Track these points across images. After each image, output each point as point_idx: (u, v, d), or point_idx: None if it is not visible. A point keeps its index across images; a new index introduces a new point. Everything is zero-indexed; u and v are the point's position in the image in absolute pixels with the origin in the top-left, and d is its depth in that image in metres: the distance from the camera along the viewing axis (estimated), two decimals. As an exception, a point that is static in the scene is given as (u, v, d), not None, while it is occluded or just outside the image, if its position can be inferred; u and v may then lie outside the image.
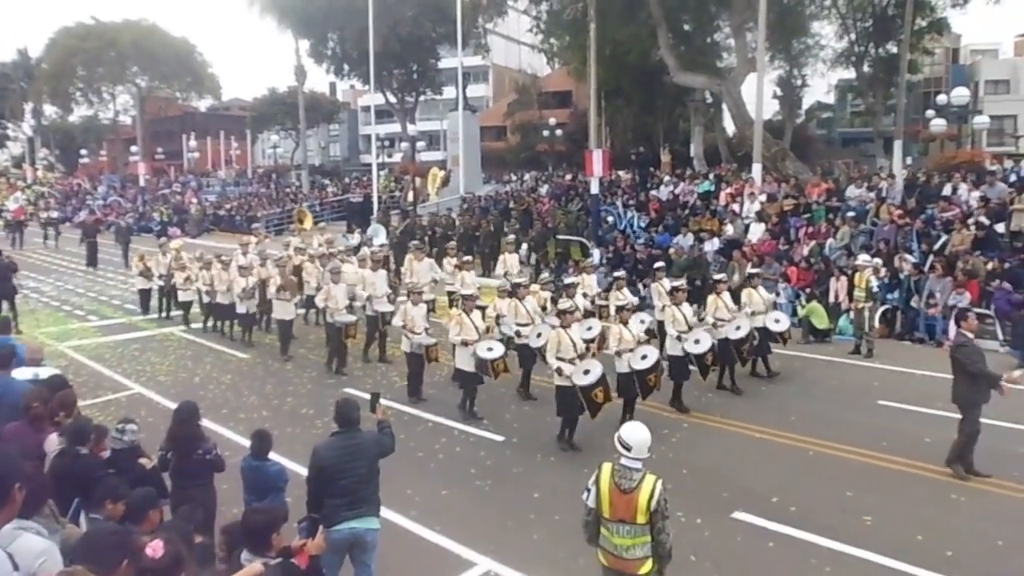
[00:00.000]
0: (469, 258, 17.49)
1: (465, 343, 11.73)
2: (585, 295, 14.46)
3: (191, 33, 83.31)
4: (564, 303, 11.66)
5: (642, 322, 12.12)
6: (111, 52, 58.86)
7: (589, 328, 12.64)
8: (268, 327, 17.37)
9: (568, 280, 14.34)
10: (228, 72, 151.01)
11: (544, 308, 13.51)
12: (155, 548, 3.93)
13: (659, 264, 16.07)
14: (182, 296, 18.60)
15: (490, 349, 11.69)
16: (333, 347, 14.46)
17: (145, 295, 20.06)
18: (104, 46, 58.65)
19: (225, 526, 5.53)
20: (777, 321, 13.73)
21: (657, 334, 13.45)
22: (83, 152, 67.22)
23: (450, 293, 16.73)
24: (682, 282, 13.54)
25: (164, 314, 19.53)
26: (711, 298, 13.27)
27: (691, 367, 12.16)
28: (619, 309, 11.60)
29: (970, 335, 9.39)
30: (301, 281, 17.03)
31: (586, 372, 10.19)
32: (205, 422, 7.80)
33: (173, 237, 35.79)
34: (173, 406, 7.32)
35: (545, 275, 16.79)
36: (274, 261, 17.10)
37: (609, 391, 10.38)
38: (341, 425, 6.22)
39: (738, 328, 12.87)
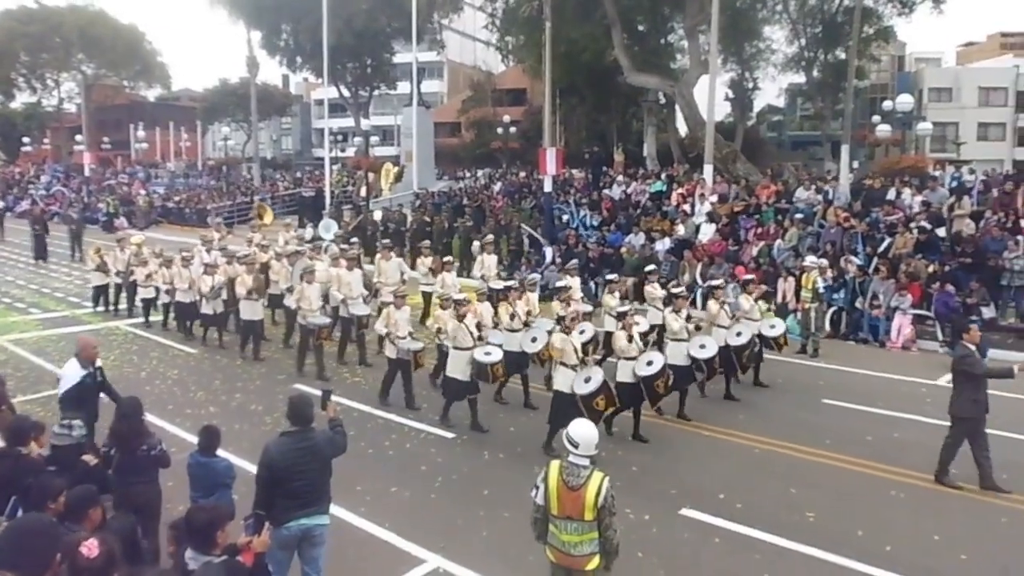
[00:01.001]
0: (450, 258, 16.97)
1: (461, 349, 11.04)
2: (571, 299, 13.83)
3: (140, 20, 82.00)
4: (566, 308, 11.10)
5: (636, 324, 11.70)
6: (55, 38, 57.41)
7: (582, 331, 12.06)
8: (238, 327, 16.09)
9: (560, 283, 13.84)
10: (178, 62, 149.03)
11: (529, 312, 12.93)
12: (90, 547, 3.86)
13: (651, 267, 15.60)
14: (142, 293, 17.76)
15: (488, 353, 11.10)
16: (302, 349, 13.85)
17: (99, 291, 19.09)
18: (48, 31, 57.17)
19: (173, 522, 5.43)
20: (772, 327, 13.36)
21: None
22: (25, 140, 65.40)
23: (425, 294, 16.40)
24: (682, 288, 13.23)
25: (115, 308, 18.82)
26: (710, 303, 12.99)
27: (698, 373, 11.91)
28: (621, 315, 11.03)
29: (971, 347, 9.27)
30: (268, 280, 16.23)
31: (587, 380, 9.86)
32: (151, 418, 7.70)
33: (120, 229, 35.10)
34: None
35: (535, 276, 16.29)
36: (240, 259, 16.23)
37: (612, 398, 10.04)
38: (294, 423, 6.06)
39: (739, 334, 12.49)
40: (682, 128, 38.19)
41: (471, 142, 57.11)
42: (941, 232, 18.09)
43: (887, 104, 35.72)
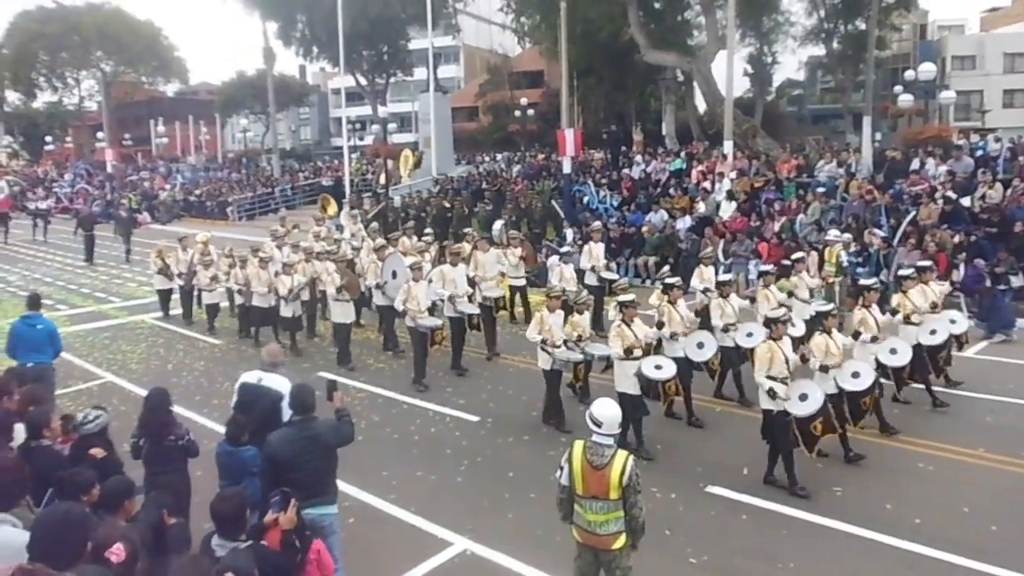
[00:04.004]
0: (567, 248, 15.26)
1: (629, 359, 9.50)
2: (707, 291, 12.25)
3: (156, 16, 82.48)
4: (774, 311, 9.28)
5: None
6: (74, 36, 57.88)
7: (750, 334, 10.80)
8: (313, 331, 15.64)
9: (723, 277, 11.98)
10: (195, 56, 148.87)
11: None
12: (118, 553, 3.92)
13: (798, 255, 13.71)
14: (207, 298, 16.40)
15: (658, 367, 9.60)
16: (418, 355, 12.45)
17: (165, 296, 17.84)
18: (66, 30, 57.65)
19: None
20: (953, 321, 11.23)
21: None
22: (48, 139, 66.09)
23: (513, 288, 15.34)
24: (874, 280, 11.53)
25: (187, 319, 17.29)
26: (897, 297, 11.27)
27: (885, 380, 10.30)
28: (823, 315, 9.42)
29: None
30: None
31: (803, 398, 8.36)
32: (179, 409, 7.78)
33: (143, 224, 35.47)
34: (145, 394, 7.27)
35: (665, 270, 14.33)
36: (328, 255, 14.80)
37: (831, 421, 8.59)
38: (296, 412, 6.06)
39: (933, 332, 10.75)
40: (701, 105, 37.94)
41: (489, 126, 57.01)
42: (966, 202, 17.83)
43: (909, 74, 35.13)
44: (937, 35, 56.88)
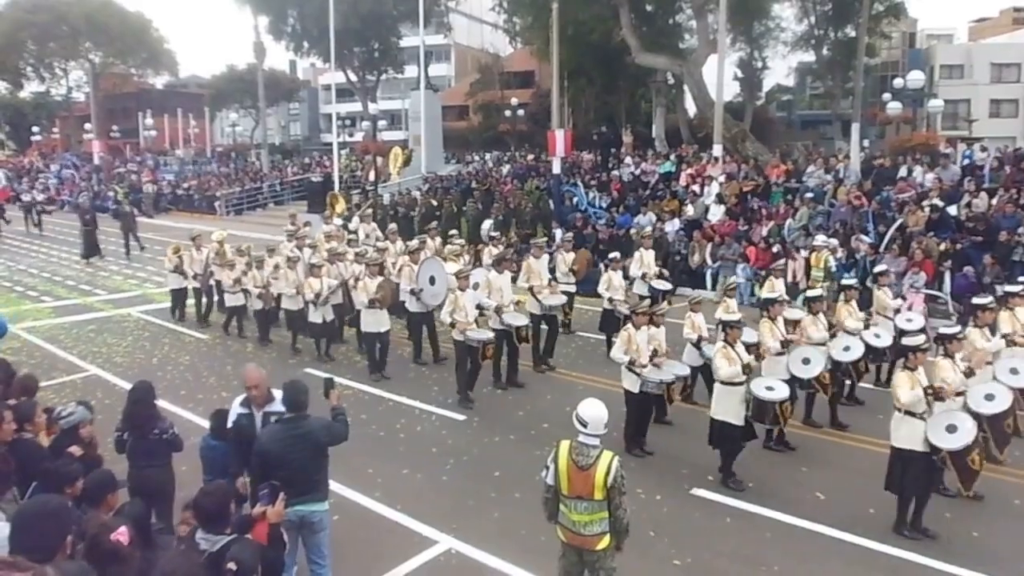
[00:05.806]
0: (616, 255, 14.15)
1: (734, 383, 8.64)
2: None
3: (146, 7, 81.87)
4: (912, 338, 8.04)
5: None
6: (63, 26, 57.46)
7: (847, 348, 10.26)
8: (341, 336, 14.78)
9: (812, 293, 10.98)
10: (185, 48, 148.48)
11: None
12: (123, 534, 3.91)
13: (881, 268, 13.03)
14: (229, 300, 15.45)
15: (770, 388, 8.84)
16: (462, 370, 11.47)
17: (179, 296, 16.89)
18: (55, 20, 57.22)
19: (189, 502, 5.41)
20: None
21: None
22: (35, 129, 65.56)
23: (567, 295, 14.37)
24: (990, 299, 10.29)
25: (202, 321, 16.56)
26: (1005, 315, 10.07)
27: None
28: (946, 338, 8.31)
29: None
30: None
31: (951, 429, 7.39)
32: (164, 403, 7.73)
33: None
34: (130, 388, 7.23)
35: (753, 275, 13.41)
36: (360, 257, 13.96)
37: (990, 452, 7.88)
38: (289, 409, 6.04)
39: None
40: (691, 108, 38.03)
41: (479, 125, 56.88)
42: (952, 210, 17.96)
43: (898, 82, 35.35)
44: (926, 44, 57.34)
